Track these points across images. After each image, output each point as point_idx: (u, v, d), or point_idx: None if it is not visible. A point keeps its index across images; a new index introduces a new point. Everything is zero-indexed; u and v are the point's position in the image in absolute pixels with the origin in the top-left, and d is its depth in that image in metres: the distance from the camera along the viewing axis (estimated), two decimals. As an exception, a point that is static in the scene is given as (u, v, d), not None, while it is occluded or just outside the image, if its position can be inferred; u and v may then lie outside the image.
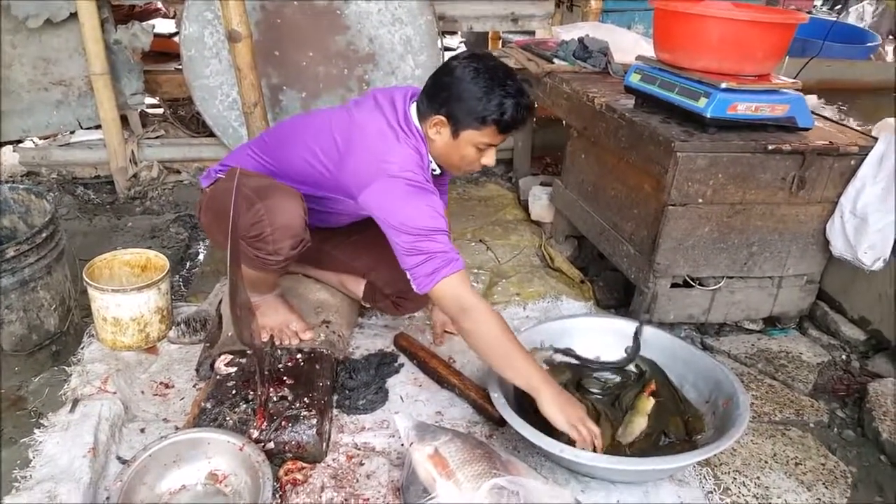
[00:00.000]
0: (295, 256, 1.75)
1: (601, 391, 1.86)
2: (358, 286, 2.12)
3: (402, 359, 2.02)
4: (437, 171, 1.80)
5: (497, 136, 1.64)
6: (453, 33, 5.72)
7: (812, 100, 2.39)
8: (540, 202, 2.94)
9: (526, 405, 1.75)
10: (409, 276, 1.63)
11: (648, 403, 1.74)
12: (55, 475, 1.48)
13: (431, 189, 1.66)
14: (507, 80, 1.60)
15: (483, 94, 1.58)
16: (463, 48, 5.74)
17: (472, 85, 1.59)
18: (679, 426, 1.73)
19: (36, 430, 1.64)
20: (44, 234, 1.82)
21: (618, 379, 1.90)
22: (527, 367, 1.59)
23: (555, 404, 1.55)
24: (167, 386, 1.88)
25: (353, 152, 1.69)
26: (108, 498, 1.42)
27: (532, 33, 3.97)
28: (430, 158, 1.74)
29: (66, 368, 1.90)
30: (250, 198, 1.66)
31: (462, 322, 1.61)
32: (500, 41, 4.62)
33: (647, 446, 1.68)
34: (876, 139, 1.97)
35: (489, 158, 1.70)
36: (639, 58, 2.22)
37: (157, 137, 3.41)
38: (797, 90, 1.97)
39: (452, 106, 1.62)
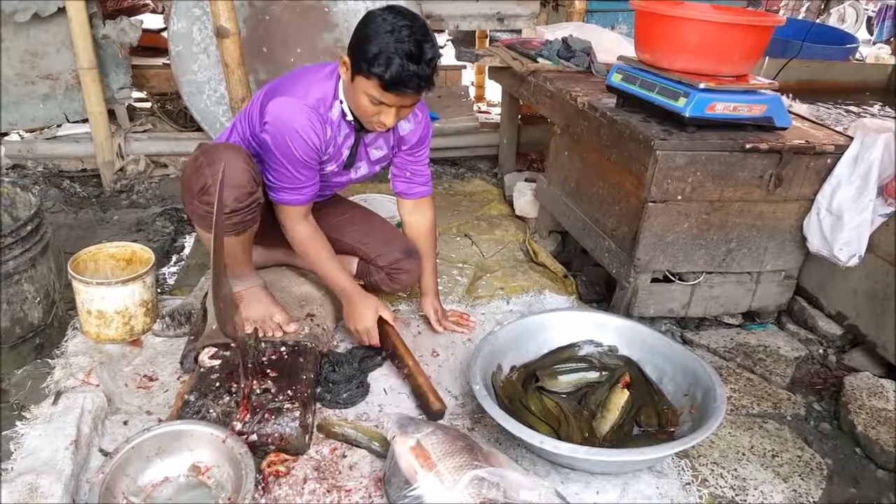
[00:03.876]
0: (245, 213, 1.77)
1: (570, 389, 1.88)
2: (350, 264, 2.14)
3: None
4: (349, 117, 1.80)
5: (382, 92, 1.60)
6: (440, 32, 5.74)
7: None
8: (524, 198, 2.97)
9: (505, 398, 1.78)
10: (266, 181, 1.84)
11: (623, 396, 1.77)
12: (36, 467, 1.48)
13: (316, 120, 1.74)
14: (406, 40, 1.55)
15: (376, 44, 1.56)
16: (450, 47, 5.76)
17: (372, 33, 1.57)
18: (651, 416, 1.75)
19: (18, 423, 1.64)
20: (28, 227, 1.82)
21: (591, 375, 1.91)
22: (335, 273, 1.92)
23: (349, 311, 1.92)
24: (151, 379, 1.89)
25: (283, 80, 1.82)
26: (89, 489, 1.43)
27: (518, 32, 3.99)
28: (342, 99, 1.77)
29: (50, 361, 1.91)
30: (196, 156, 1.79)
31: (289, 237, 1.92)
32: (488, 39, 4.65)
33: (619, 437, 1.70)
34: (851, 139, 2.01)
35: (386, 118, 1.68)
36: (620, 58, 2.25)
37: (144, 131, 3.41)
38: (774, 90, 2.00)
39: (354, 48, 1.63)
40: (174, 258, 2.66)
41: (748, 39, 1.91)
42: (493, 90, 4.71)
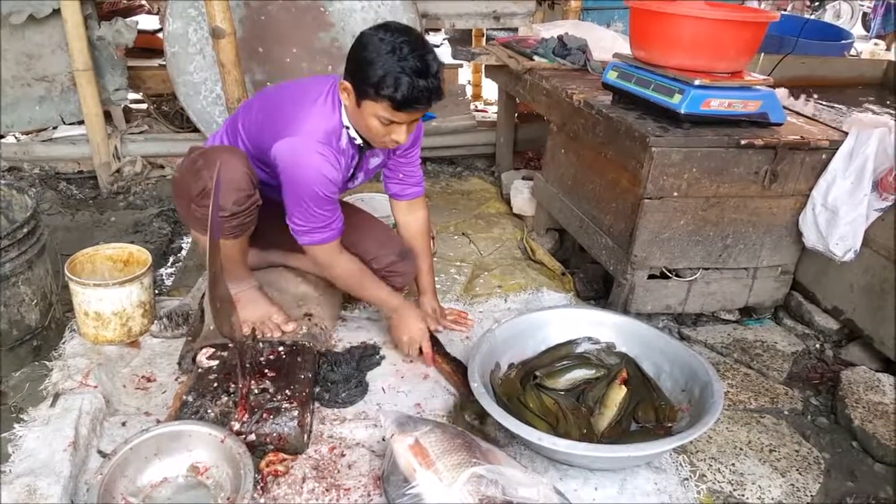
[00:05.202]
0: (244, 216, 1.76)
1: (568, 386, 1.88)
2: None
3: (384, 351, 2.04)
4: (359, 141, 1.77)
5: (394, 112, 1.58)
6: (437, 30, 5.75)
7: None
8: (522, 196, 2.97)
9: (503, 396, 1.78)
10: (289, 226, 1.80)
11: (620, 392, 1.78)
12: (35, 469, 1.48)
13: (332, 155, 1.70)
14: (409, 57, 1.53)
15: (381, 67, 1.53)
16: (446, 46, 5.77)
17: (374, 56, 1.55)
18: (649, 412, 1.76)
19: (16, 425, 1.64)
20: (25, 230, 1.82)
21: (589, 372, 1.92)
22: (380, 293, 1.97)
23: (397, 324, 1.97)
24: (149, 380, 1.89)
25: (280, 109, 1.76)
26: (87, 490, 1.43)
27: (515, 30, 4.00)
28: (348, 125, 1.74)
29: (47, 363, 1.90)
30: (194, 159, 1.77)
31: (329, 273, 1.93)
32: (484, 38, 4.65)
33: (617, 434, 1.71)
34: (846, 134, 2.01)
35: (398, 135, 1.66)
36: (616, 55, 2.26)
37: (140, 133, 3.41)
38: (769, 86, 2.01)
39: (355, 74, 1.60)
40: (171, 259, 2.66)
41: (743, 36, 1.92)
42: (490, 88, 4.71)
